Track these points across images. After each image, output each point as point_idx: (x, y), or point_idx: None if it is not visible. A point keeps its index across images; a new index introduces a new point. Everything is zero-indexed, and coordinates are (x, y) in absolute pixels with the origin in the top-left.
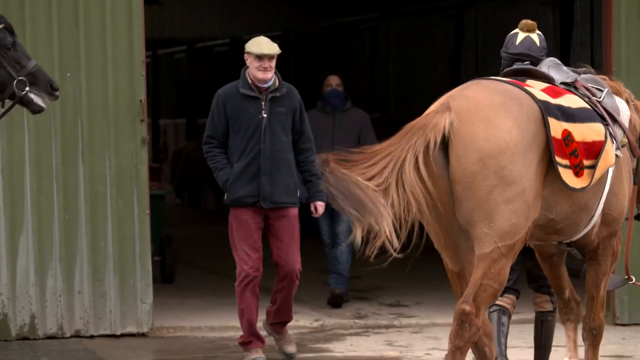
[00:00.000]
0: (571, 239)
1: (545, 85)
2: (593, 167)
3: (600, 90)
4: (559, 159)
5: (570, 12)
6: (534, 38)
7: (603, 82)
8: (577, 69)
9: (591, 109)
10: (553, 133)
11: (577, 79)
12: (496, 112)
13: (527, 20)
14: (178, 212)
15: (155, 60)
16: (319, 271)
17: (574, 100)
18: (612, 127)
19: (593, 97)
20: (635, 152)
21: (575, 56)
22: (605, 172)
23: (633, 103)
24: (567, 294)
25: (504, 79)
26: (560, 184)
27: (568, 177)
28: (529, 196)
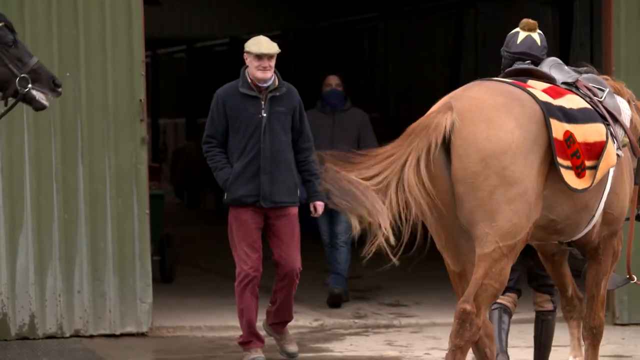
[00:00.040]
0: (572, 239)
1: (546, 85)
2: (595, 168)
3: (602, 90)
4: (560, 160)
5: (570, 12)
6: (535, 37)
7: (604, 82)
8: (579, 69)
9: (592, 109)
10: (555, 134)
11: (578, 78)
12: (498, 112)
13: (528, 20)
14: (178, 212)
15: (154, 59)
16: (318, 271)
17: (576, 101)
18: (613, 127)
19: (594, 97)
20: (637, 152)
21: (574, 56)
22: (606, 172)
23: (634, 103)
24: (570, 292)
25: (506, 79)
26: (562, 184)
27: (570, 178)
28: (531, 197)
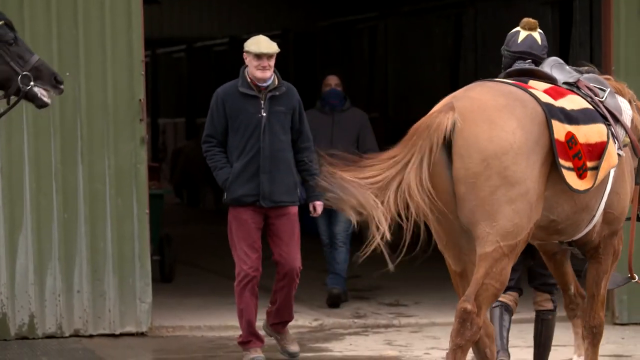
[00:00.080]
0: (572, 239)
1: (547, 85)
2: (596, 169)
3: (603, 90)
4: (562, 161)
5: (570, 12)
6: (535, 36)
7: (605, 82)
8: (580, 68)
9: (593, 109)
10: (556, 135)
11: (579, 78)
12: (500, 113)
13: (528, 19)
14: (177, 212)
15: (154, 59)
16: (317, 270)
17: (577, 101)
18: (614, 127)
19: (595, 97)
20: (638, 152)
21: (574, 56)
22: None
23: (635, 103)
24: (572, 290)
25: (507, 80)
26: (563, 185)
27: (572, 179)
28: (532, 197)
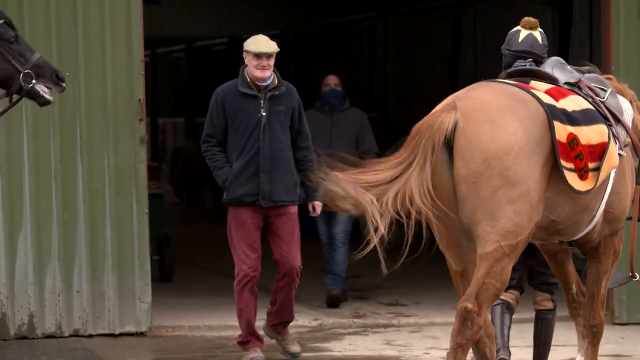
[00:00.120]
0: (573, 239)
1: (549, 86)
2: (597, 169)
3: (604, 90)
4: (564, 162)
5: (569, 12)
6: (536, 36)
7: (607, 82)
8: (581, 68)
9: (594, 109)
10: (558, 137)
11: (580, 78)
12: (502, 113)
13: (529, 18)
14: (177, 211)
15: (153, 59)
16: (317, 270)
17: (578, 102)
18: (615, 127)
19: (596, 98)
20: (639, 152)
21: (574, 55)
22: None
23: (636, 103)
24: (574, 289)
25: (509, 81)
26: (564, 186)
27: (573, 180)
28: (533, 197)
